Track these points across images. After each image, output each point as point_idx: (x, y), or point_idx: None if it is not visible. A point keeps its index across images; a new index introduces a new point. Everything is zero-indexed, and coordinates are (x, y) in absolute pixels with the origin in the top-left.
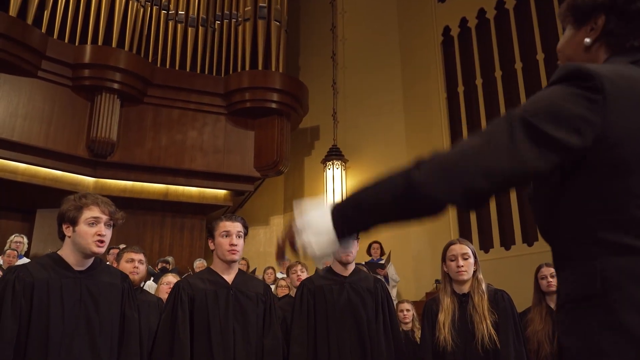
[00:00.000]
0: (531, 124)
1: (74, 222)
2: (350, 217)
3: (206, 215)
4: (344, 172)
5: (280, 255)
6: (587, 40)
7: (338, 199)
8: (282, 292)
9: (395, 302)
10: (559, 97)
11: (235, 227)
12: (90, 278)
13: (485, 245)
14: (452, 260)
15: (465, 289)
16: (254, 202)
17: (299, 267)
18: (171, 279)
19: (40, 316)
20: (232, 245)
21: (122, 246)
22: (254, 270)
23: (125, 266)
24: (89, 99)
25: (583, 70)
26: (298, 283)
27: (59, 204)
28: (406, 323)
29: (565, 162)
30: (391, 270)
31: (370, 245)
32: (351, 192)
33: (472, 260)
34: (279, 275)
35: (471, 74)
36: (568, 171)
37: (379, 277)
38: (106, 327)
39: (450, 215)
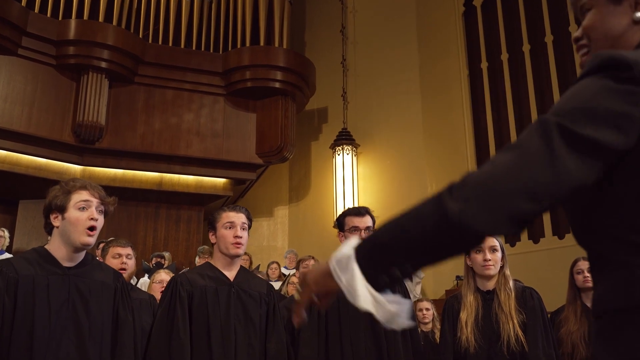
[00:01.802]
0: (567, 128)
1: (62, 209)
2: (378, 262)
3: (204, 206)
4: (354, 158)
5: (301, 314)
6: (639, 14)
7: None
8: (293, 290)
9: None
10: (595, 93)
11: (240, 218)
12: (80, 275)
13: (512, 238)
14: (478, 253)
15: (491, 285)
16: (256, 191)
17: (312, 261)
18: (164, 276)
19: (25, 317)
20: (236, 237)
21: (109, 240)
22: (258, 267)
23: (111, 262)
24: (75, 79)
25: (618, 58)
26: None
27: (44, 194)
28: (425, 323)
29: (607, 164)
30: None
31: None
32: (371, 233)
33: (499, 254)
34: (285, 270)
35: (496, 48)
36: (606, 171)
37: None
38: (96, 331)
39: None
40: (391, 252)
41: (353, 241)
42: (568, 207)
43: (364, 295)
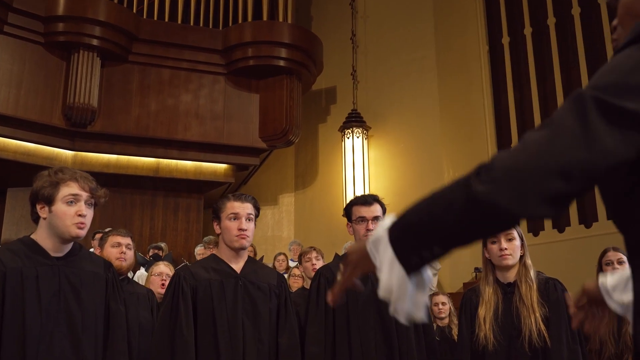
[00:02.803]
0: (605, 101)
1: (49, 201)
2: (408, 243)
3: (204, 193)
4: (365, 142)
5: (339, 293)
6: None
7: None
8: (295, 284)
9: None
10: (636, 63)
11: (245, 208)
12: (70, 266)
13: (535, 227)
14: (493, 243)
15: (511, 277)
16: (259, 178)
17: (314, 253)
18: (163, 268)
19: (15, 311)
20: (241, 230)
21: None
22: (262, 258)
23: (110, 252)
24: (65, 58)
25: None
26: (313, 273)
27: (33, 181)
28: (442, 318)
29: None
30: None
31: None
32: (398, 214)
33: (517, 242)
34: (292, 263)
35: (519, 22)
36: None
37: None
38: (90, 323)
39: None
40: (420, 233)
41: (387, 221)
42: (605, 189)
43: (391, 279)
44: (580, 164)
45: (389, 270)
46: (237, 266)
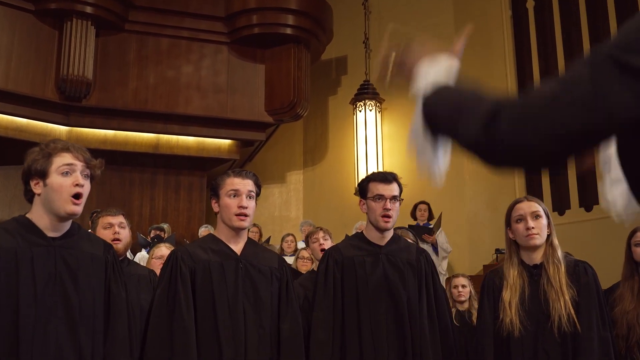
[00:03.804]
0: (620, 60)
1: (43, 175)
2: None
3: (207, 171)
4: (379, 115)
5: (383, 73)
6: None
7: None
8: (304, 266)
9: (445, 277)
10: None
11: (246, 185)
12: (67, 247)
13: (561, 205)
14: (519, 222)
15: (537, 258)
16: (266, 154)
17: (321, 233)
18: (164, 251)
19: (8, 294)
20: (241, 207)
21: (97, 212)
22: (269, 239)
23: (103, 234)
24: (57, 27)
25: None
26: (321, 254)
27: (24, 158)
28: (462, 302)
29: None
30: (441, 237)
31: (415, 207)
32: (434, 94)
33: (544, 221)
34: (301, 244)
35: None
36: None
37: (423, 247)
38: (87, 308)
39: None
40: (446, 109)
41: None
42: (622, 160)
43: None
44: (584, 124)
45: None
46: (237, 247)
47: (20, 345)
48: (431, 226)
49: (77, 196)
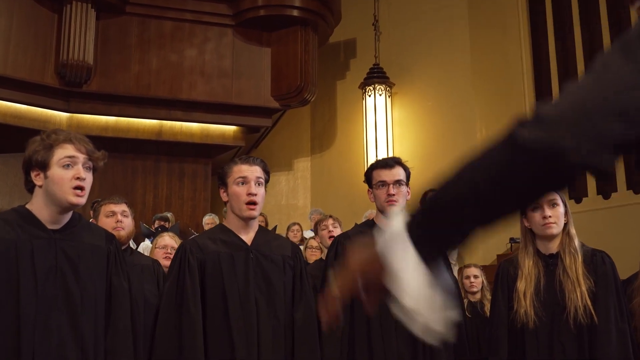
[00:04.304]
0: None
1: (44, 166)
2: (433, 224)
3: (211, 158)
4: (389, 100)
5: (335, 313)
6: None
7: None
8: (312, 256)
9: (456, 267)
10: None
11: (254, 171)
12: (68, 239)
13: (577, 192)
14: (535, 210)
15: (554, 247)
16: (272, 140)
17: (330, 220)
18: (168, 240)
19: (8, 288)
20: (250, 194)
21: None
22: (275, 228)
23: (105, 222)
24: (56, 10)
25: None
26: (329, 242)
27: (25, 147)
28: (473, 293)
29: None
30: None
31: (425, 194)
32: (415, 210)
33: (562, 209)
34: (308, 234)
35: None
36: None
37: None
38: (89, 301)
39: None
40: (454, 212)
41: (400, 217)
42: None
43: (417, 281)
44: (637, 102)
45: (413, 271)
46: (248, 237)
47: (22, 339)
48: None
49: (78, 189)
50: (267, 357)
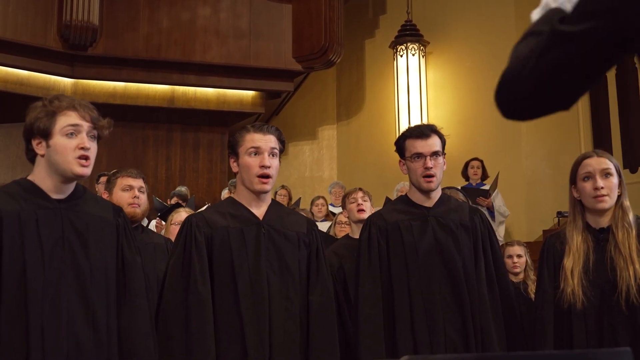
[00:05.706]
0: None
1: (46, 135)
2: None
3: (228, 127)
4: (422, 60)
5: None
6: None
7: None
8: (342, 232)
9: (502, 244)
10: None
11: (268, 141)
12: (74, 209)
13: (632, 161)
14: (586, 180)
15: (605, 222)
16: (295, 107)
17: (360, 193)
18: (184, 216)
19: (13, 260)
20: (263, 167)
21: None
22: (299, 201)
23: (121, 196)
24: None
25: None
26: (358, 216)
27: (25, 114)
28: (516, 273)
29: None
30: (498, 199)
31: (467, 164)
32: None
33: (615, 180)
34: (332, 208)
35: None
36: None
37: (477, 207)
38: (99, 274)
39: (581, 118)
40: None
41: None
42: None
43: None
44: None
45: None
46: (259, 211)
47: (30, 315)
48: (486, 187)
49: (83, 158)
50: (279, 341)
